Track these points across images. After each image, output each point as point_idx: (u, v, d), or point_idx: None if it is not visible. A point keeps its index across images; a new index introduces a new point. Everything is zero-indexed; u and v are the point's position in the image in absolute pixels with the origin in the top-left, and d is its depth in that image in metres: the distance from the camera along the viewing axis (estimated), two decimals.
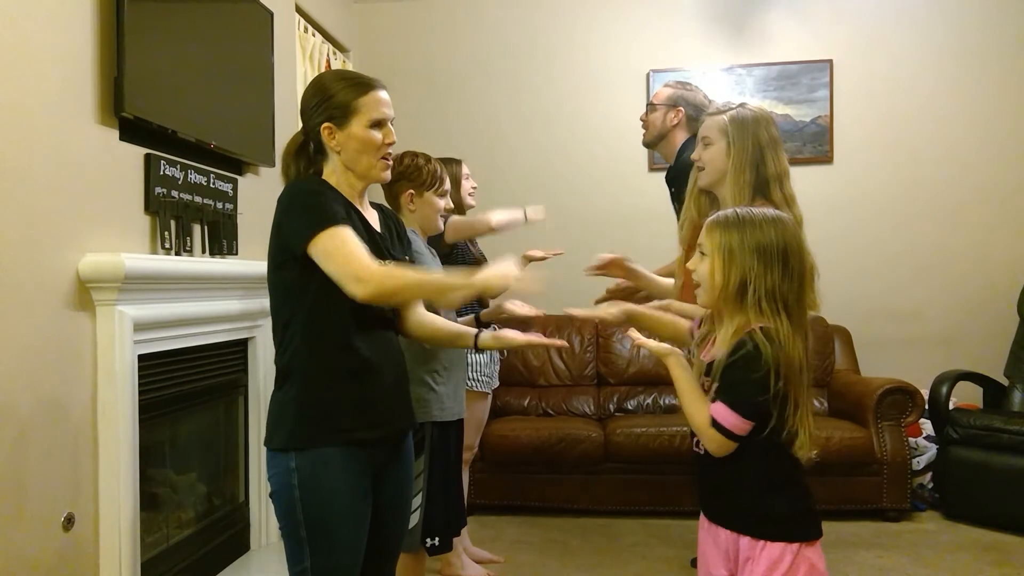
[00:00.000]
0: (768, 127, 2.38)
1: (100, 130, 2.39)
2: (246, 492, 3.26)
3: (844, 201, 4.64)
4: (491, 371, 3.39)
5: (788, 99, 4.64)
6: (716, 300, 1.65)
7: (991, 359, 4.32)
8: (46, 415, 2.15)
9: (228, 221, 3.01)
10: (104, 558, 2.31)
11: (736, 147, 2.35)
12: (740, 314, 1.61)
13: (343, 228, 1.70)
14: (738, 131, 2.36)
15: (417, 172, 2.62)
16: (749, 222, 1.63)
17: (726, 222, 1.65)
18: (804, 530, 1.62)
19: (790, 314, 1.59)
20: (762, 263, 1.59)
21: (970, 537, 3.65)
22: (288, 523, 1.75)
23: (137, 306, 2.39)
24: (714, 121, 2.41)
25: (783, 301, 1.59)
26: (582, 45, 4.84)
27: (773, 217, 1.64)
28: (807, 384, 1.61)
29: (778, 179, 2.35)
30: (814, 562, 1.60)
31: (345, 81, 1.83)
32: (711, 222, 1.68)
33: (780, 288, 1.59)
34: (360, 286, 1.66)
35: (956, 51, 4.57)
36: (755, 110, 2.42)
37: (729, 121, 2.38)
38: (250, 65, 3.26)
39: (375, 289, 1.66)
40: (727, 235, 1.63)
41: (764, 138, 2.36)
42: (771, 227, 1.62)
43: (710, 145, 2.41)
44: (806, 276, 1.66)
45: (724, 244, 1.62)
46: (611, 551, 3.54)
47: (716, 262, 1.63)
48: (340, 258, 1.67)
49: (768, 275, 1.58)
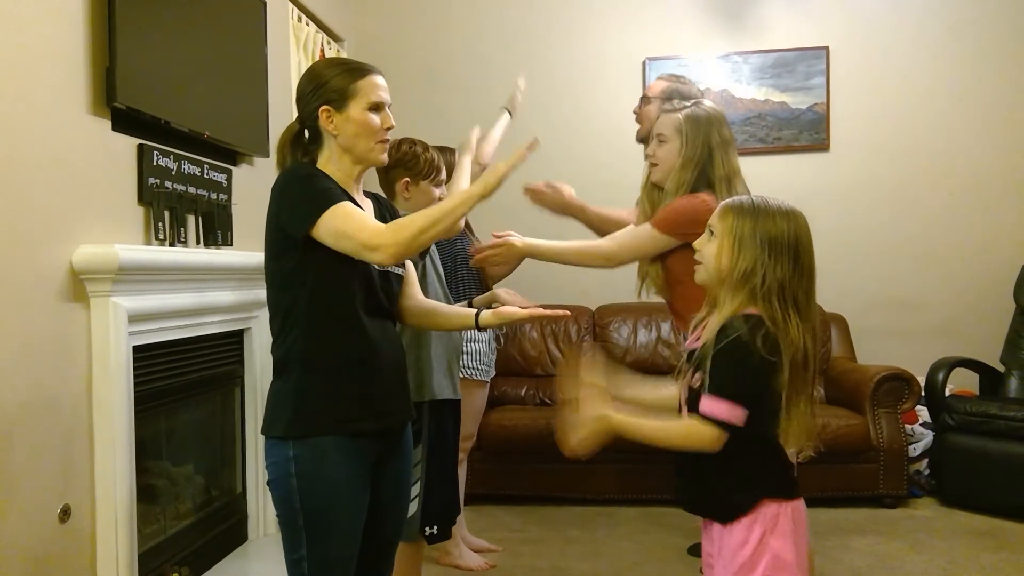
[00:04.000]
0: (721, 128, 2.46)
1: (92, 121, 2.37)
2: (243, 483, 3.26)
3: (841, 189, 4.62)
4: (489, 360, 3.38)
5: (785, 86, 4.62)
6: (716, 282, 1.64)
7: (987, 346, 4.33)
8: (41, 407, 2.14)
9: (223, 212, 2.99)
10: (101, 550, 2.31)
11: (687, 146, 2.41)
12: (736, 300, 1.60)
13: (343, 204, 1.69)
14: (691, 130, 2.43)
15: (414, 160, 2.60)
16: (764, 211, 1.61)
17: (740, 208, 1.63)
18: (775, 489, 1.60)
19: (799, 309, 1.57)
20: (772, 255, 1.57)
21: (966, 523, 3.66)
22: (286, 511, 1.75)
23: (132, 298, 2.38)
24: (669, 119, 2.48)
25: (793, 296, 1.57)
26: (578, 33, 4.82)
27: (787, 210, 1.63)
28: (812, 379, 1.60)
29: (727, 179, 2.43)
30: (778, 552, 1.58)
31: (342, 66, 1.83)
32: (726, 205, 1.66)
33: (790, 283, 1.57)
34: (377, 253, 1.65)
35: (953, 37, 4.55)
36: (709, 110, 2.49)
37: (684, 119, 2.44)
38: (243, 55, 3.24)
39: (392, 249, 1.65)
40: (740, 221, 1.61)
41: (715, 139, 2.44)
42: (784, 220, 1.60)
43: (664, 142, 2.48)
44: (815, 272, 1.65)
45: (736, 230, 1.60)
46: (609, 539, 3.55)
47: (725, 245, 1.61)
48: (349, 233, 1.66)
49: (778, 267, 1.57)
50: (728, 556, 1.59)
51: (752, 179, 2.63)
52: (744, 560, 1.57)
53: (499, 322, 1.95)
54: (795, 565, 1.58)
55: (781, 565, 1.57)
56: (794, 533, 1.59)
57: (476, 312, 1.97)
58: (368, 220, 1.71)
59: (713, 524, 1.66)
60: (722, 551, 1.62)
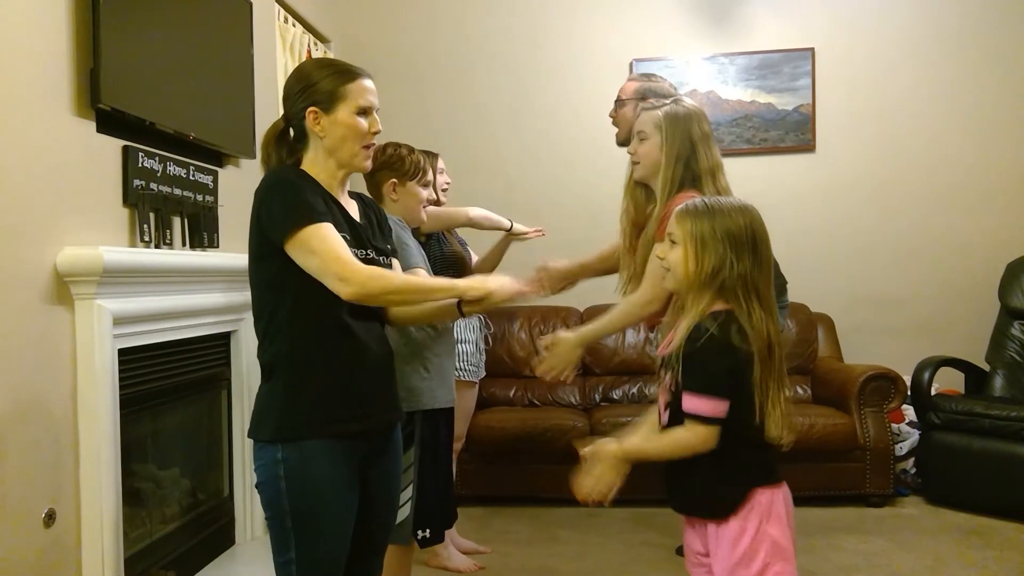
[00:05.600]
0: (700, 123, 2.48)
1: (77, 122, 2.36)
2: (230, 486, 3.24)
3: (826, 189, 4.65)
4: (478, 360, 3.38)
5: (770, 88, 4.65)
6: (686, 287, 1.67)
7: (973, 345, 4.36)
8: (25, 410, 2.12)
9: (208, 213, 2.98)
10: (87, 554, 2.29)
11: (668, 142, 2.43)
12: (702, 301, 1.64)
13: (323, 225, 1.68)
14: (671, 126, 2.45)
15: (400, 162, 2.60)
16: (719, 210, 1.65)
17: (695, 211, 1.67)
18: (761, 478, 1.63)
19: (761, 300, 1.62)
20: (734, 250, 1.61)
21: (952, 521, 3.69)
22: (274, 514, 1.74)
23: (117, 300, 2.37)
24: (649, 116, 2.50)
25: (755, 287, 1.62)
26: (564, 34, 4.82)
27: (740, 206, 1.68)
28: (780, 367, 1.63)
29: (711, 172, 2.45)
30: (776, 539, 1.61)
31: (331, 68, 1.82)
32: (681, 211, 1.70)
33: (751, 274, 1.62)
34: (343, 286, 1.66)
35: (937, 38, 4.59)
36: (688, 106, 2.52)
37: (663, 116, 2.47)
38: (229, 56, 3.23)
39: (358, 290, 1.66)
40: (698, 223, 1.64)
41: (696, 133, 2.46)
42: (740, 215, 1.65)
43: (645, 140, 2.50)
44: (772, 262, 1.69)
45: (696, 232, 1.64)
46: (598, 540, 3.55)
47: (688, 250, 1.64)
48: (322, 256, 1.66)
49: (739, 262, 1.61)
50: (727, 548, 1.61)
51: (738, 180, 2.64)
52: (744, 550, 1.59)
53: (483, 308, 1.88)
54: (790, 550, 1.61)
55: (779, 551, 1.60)
56: (787, 517, 1.63)
57: (458, 300, 1.90)
58: (345, 251, 1.69)
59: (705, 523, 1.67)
60: (720, 545, 1.63)
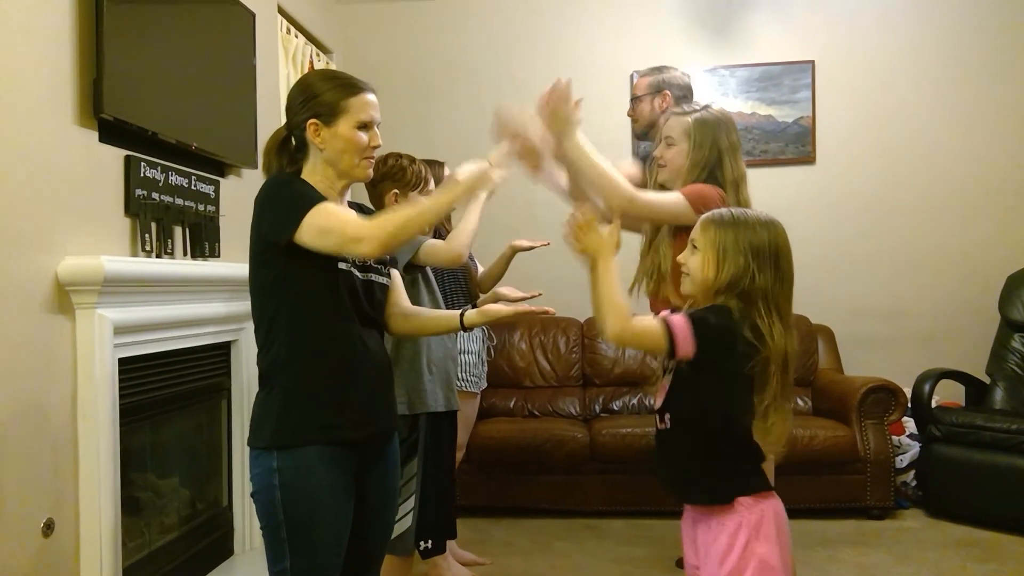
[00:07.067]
0: (729, 132, 2.45)
1: (79, 132, 2.36)
2: (229, 496, 3.23)
3: (827, 201, 4.66)
4: (479, 371, 3.38)
5: (771, 100, 4.66)
6: (701, 293, 1.68)
7: (973, 357, 4.35)
8: (25, 419, 2.12)
9: (210, 223, 2.98)
10: (85, 563, 2.28)
11: (696, 150, 2.41)
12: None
13: (324, 203, 1.70)
14: (700, 134, 2.42)
15: (401, 172, 2.61)
16: (744, 222, 1.66)
17: (721, 220, 1.68)
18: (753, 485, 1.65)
19: (781, 315, 1.62)
20: (755, 263, 1.61)
21: (953, 534, 3.67)
22: (269, 523, 1.74)
23: (117, 309, 2.37)
24: (678, 121, 2.47)
25: (776, 302, 1.62)
26: (566, 46, 4.84)
27: (766, 220, 1.68)
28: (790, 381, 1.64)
29: (735, 183, 2.42)
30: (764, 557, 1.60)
31: (334, 81, 1.83)
32: (706, 219, 1.70)
33: (773, 289, 1.62)
34: (361, 245, 1.66)
35: (937, 51, 4.60)
36: (718, 114, 2.48)
37: (693, 123, 2.44)
38: (232, 66, 3.24)
39: (376, 242, 1.66)
40: (722, 233, 1.65)
41: (724, 143, 2.43)
42: (764, 229, 1.66)
43: (672, 145, 2.47)
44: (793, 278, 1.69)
45: (718, 242, 1.65)
46: (597, 551, 3.54)
47: (708, 258, 1.65)
48: (332, 229, 1.67)
49: (760, 275, 1.61)
50: (714, 566, 1.61)
51: None
52: (731, 568, 1.58)
53: (484, 320, 1.92)
54: (780, 569, 1.60)
55: (767, 570, 1.58)
56: (778, 537, 1.62)
57: (461, 312, 1.95)
58: (351, 215, 1.73)
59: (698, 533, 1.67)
60: (708, 559, 1.63)
